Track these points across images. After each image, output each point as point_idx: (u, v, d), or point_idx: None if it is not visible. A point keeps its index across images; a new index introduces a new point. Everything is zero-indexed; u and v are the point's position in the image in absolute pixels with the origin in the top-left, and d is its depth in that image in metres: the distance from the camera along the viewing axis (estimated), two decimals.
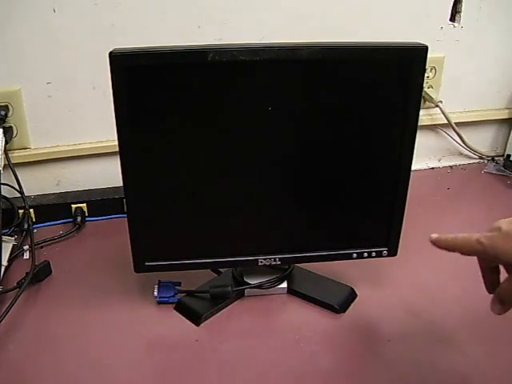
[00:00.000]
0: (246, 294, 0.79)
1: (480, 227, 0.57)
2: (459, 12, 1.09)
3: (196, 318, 0.75)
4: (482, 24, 1.11)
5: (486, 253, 0.54)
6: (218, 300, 0.77)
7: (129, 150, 0.66)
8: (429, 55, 0.65)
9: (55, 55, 0.93)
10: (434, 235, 0.60)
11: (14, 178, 0.94)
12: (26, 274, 0.80)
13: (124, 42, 0.65)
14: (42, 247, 0.91)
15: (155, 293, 0.77)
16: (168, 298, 0.77)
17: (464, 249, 0.57)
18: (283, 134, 0.69)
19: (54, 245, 0.92)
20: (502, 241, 0.53)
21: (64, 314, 0.76)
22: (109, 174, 1.03)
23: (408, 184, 0.72)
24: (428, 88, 1.13)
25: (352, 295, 0.79)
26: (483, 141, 1.25)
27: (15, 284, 0.78)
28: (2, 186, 0.87)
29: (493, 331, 0.73)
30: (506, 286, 0.56)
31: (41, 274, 0.82)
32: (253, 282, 0.79)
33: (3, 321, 0.72)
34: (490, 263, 0.59)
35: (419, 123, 0.69)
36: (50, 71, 0.94)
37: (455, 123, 1.17)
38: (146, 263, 0.74)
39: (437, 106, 1.13)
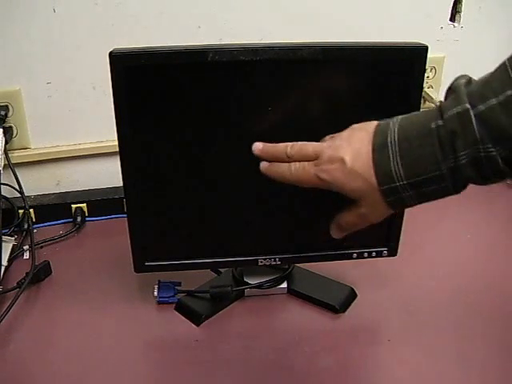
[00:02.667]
0: (246, 294, 0.79)
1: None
2: (459, 12, 1.09)
3: (196, 318, 0.75)
4: (482, 24, 1.11)
5: (329, 187, 0.54)
6: (218, 300, 0.77)
7: (129, 150, 0.66)
8: (429, 55, 0.65)
9: (55, 55, 0.93)
10: (259, 147, 0.61)
11: (14, 177, 0.94)
12: (26, 273, 0.80)
13: (124, 42, 0.65)
14: (41, 247, 0.91)
15: (155, 293, 0.77)
16: (168, 297, 0.77)
17: (301, 182, 0.57)
18: (283, 134, 0.68)
19: (54, 245, 0.92)
20: (348, 179, 0.52)
21: (64, 313, 0.77)
22: (109, 174, 1.03)
23: None
24: (428, 88, 1.13)
25: (352, 295, 0.79)
26: None
27: (15, 284, 0.78)
28: (2, 186, 0.87)
29: (493, 331, 0.73)
30: (346, 216, 0.57)
31: (41, 273, 0.82)
32: (253, 282, 0.79)
33: (3, 321, 0.72)
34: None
35: None
36: (50, 71, 0.94)
37: None
38: (146, 263, 0.74)
39: None
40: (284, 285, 0.80)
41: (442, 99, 0.54)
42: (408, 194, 0.51)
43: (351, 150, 0.53)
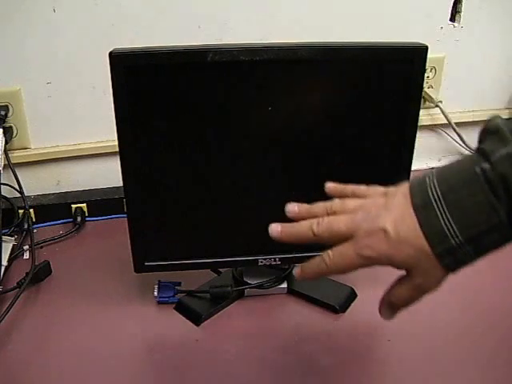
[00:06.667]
0: (246, 294, 0.79)
1: None
2: (459, 12, 1.09)
3: (196, 318, 0.75)
4: (482, 24, 1.11)
5: (375, 264, 0.47)
6: (218, 300, 0.77)
7: (129, 150, 0.66)
8: (429, 55, 0.65)
9: (55, 55, 0.93)
10: (276, 229, 0.52)
11: (14, 177, 0.94)
12: (26, 273, 0.80)
13: (124, 42, 0.65)
14: (41, 247, 0.91)
15: (155, 293, 0.77)
16: (168, 297, 0.77)
17: (344, 269, 0.48)
18: (283, 134, 0.69)
19: (54, 245, 0.92)
20: (395, 250, 0.46)
21: (64, 314, 0.76)
22: (109, 174, 1.02)
23: None
24: (428, 88, 1.13)
25: (352, 295, 0.79)
26: None
27: (15, 284, 0.78)
28: (2, 186, 0.87)
29: (493, 331, 0.73)
30: (399, 292, 0.50)
31: (41, 273, 0.82)
32: (253, 282, 0.79)
33: (3, 321, 0.72)
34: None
35: (419, 123, 0.69)
36: (50, 71, 0.94)
37: (455, 123, 1.16)
38: (146, 263, 0.74)
39: (437, 106, 1.13)
40: (284, 285, 0.80)
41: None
42: (465, 250, 0.45)
43: (391, 217, 0.46)
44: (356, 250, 0.47)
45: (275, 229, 0.52)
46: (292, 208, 0.53)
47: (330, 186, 0.55)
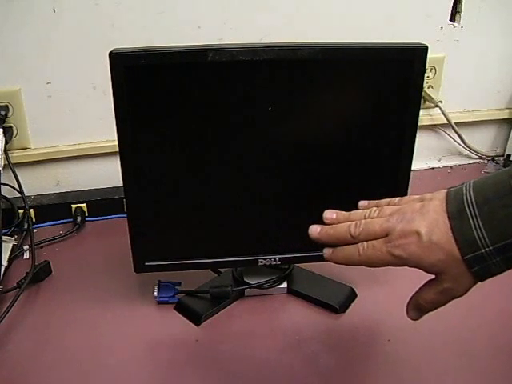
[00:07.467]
0: (246, 294, 0.79)
1: None
2: (459, 12, 1.09)
3: (196, 318, 0.75)
4: (482, 24, 1.11)
5: (404, 264, 0.49)
6: (218, 300, 0.77)
7: (129, 150, 0.66)
8: (429, 55, 0.65)
9: (55, 55, 0.93)
10: (316, 231, 0.53)
11: (14, 177, 0.94)
12: (26, 273, 0.80)
13: (124, 42, 0.65)
14: (41, 247, 0.91)
15: (155, 293, 0.77)
16: (168, 297, 0.77)
17: (373, 263, 0.50)
18: (283, 134, 0.69)
19: (54, 245, 0.92)
20: (426, 253, 0.47)
21: (64, 314, 0.76)
22: (109, 174, 1.03)
23: (408, 184, 0.72)
24: (428, 88, 1.13)
25: (352, 295, 0.79)
26: (483, 141, 1.25)
27: (15, 284, 0.78)
28: (2, 186, 0.87)
29: (493, 331, 0.73)
30: (427, 294, 0.51)
31: (41, 273, 0.82)
32: (253, 282, 0.79)
33: (3, 321, 0.72)
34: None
35: (419, 123, 0.69)
36: (50, 71, 0.94)
37: (455, 123, 1.17)
38: (146, 263, 0.74)
39: (437, 106, 1.13)
40: (284, 285, 0.80)
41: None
42: (495, 260, 0.46)
43: (426, 221, 0.48)
44: (388, 248, 0.48)
45: (315, 230, 0.54)
46: (330, 215, 0.54)
47: (363, 202, 0.56)
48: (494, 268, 0.47)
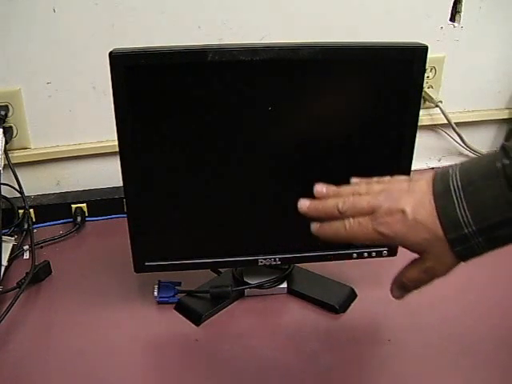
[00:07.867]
0: (246, 294, 0.79)
1: None
2: (459, 12, 1.09)
3: (196, 318, 0.75)
4: (482, 24, 1.11)
5: (389, 242, 0.50)
6: (218, 300, 0.77)
7: (129, 149, 0.66)
8: (429, 55, 0.65)
9: (55, 55, 0.93)
10: (305, 205, 0.53)
11: (14, 177, 0.94)
12: (26, 273, 0.80)
13: (124, 42, 0.65)
14: (41, 247, 0.91)
15: (155, 293, 0.77)
16: (168, 297, 0.77)
17: (358, 239, 0.51)
18: (283, 134, 0.69)
19: (54, 245, 0.92)
20: (411, 231, 0.48)
21: (64, 313, 0.77)
22: (109, 174, 1.02)
23: None
24: (428, 88, 1.13)
25: (352, 295, 0.79)
26: (483, 141, 1.25)
27: (15, 284, 0.78)
28: (2, 186, 0.87)
29: (494, 330, 0.73)
30: (410, 273, 0.52)
31: (41, 273, 0.82)
32: (253, 282, 0.79)
33: (3, 321, 0.72)
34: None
35: (419, 123, 0.69)
36: (50, 71, 0.94)
37: (455, 123, 1.16)
38: (146, 263, 0.74)
39: (437, 106, 1.13)
40: (284, 285, 0.80)
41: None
42: (477, 240, 0.47)
43: (412, 200, 0.49)
44: (374, 225, 0.49)
45: (304, 204, 0.54)
46: (320, 189, 0.54)
47: (355, 180, 0.56)
48: (477, 248, 0.47)
